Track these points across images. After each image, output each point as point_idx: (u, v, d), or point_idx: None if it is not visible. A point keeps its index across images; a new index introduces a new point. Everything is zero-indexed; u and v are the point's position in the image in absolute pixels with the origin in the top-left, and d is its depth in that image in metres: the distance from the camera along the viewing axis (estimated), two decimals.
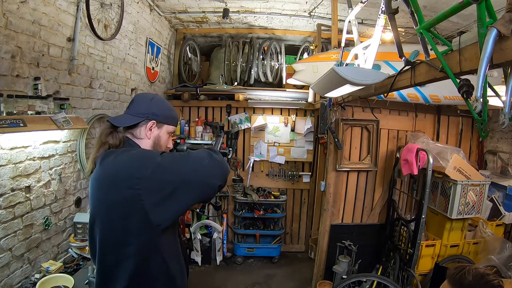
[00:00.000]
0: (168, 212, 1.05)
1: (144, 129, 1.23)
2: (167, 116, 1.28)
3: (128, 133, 1.24)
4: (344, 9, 3.05)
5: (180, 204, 1.06)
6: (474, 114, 1.37)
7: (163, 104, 1.31)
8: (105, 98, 2.78)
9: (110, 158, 1.10)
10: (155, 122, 1.24)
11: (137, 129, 1.23)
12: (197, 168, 1.06)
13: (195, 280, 3.63)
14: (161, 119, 1.25)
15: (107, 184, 1.09)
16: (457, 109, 3.35)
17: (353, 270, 3.08)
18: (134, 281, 1.08)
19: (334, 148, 3.14)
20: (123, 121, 1.23)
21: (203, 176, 1.05)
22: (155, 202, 1.02)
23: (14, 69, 1.75)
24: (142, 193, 1.01)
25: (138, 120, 1.22)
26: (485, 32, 1.07)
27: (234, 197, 4.21)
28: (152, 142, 1.26)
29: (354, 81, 1.82)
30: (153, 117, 1.23)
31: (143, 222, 1.03)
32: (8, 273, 1.78)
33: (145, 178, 1.02)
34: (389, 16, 1.81)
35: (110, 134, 1.20)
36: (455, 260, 2.94)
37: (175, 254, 1.20)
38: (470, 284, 1.12)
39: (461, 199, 2.75)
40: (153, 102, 1.26)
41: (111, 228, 1.08)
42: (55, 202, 2.16)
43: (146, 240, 1.07)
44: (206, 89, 4.20)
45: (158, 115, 1.24)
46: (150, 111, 1.23)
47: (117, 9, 2.79)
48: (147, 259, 1.09)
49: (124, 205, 1.03)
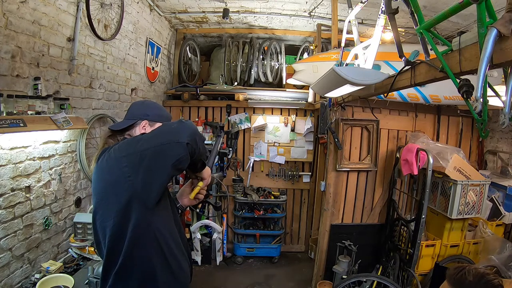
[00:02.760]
0: (153, 180, 1.11)
1: (139, 129, 1.37)
2: (158, 115, 1.42)
3: (126, 134, 1.38)
4: (344, 9, 3.05)
5: (161, 170, 1.10)
6: (474, 114, 1.37)
7: (154, 105, 1.49)
8: (105, 98, 2.78)
9: (105, 152, 1.19)
10: (148, 121, 1.37)
11: (132, 130, 1.38)
12: (168, 131, 1.16)
13: (195, 280, 3.61)
14: (152, 118, 1.38)
15: (103, 171, 1.18)
16: (457, 109, 3.35)
17: (353, 270, 3.08)
18: (128, 261, 1.13)
19: (334, 148, 3.14)
20: (120, 125, 1.39)
21: (173, 136, 1.11)
22: (139, 173, 1.09)
23: (14, 69, 1.75)
24: (129, 170, 1.09)
25: (132, 122, 1.37)
26: (485, 32, 1.07)
27: (234, 197, 4.21)
28: None
29: (354, 81, 1.82)
30: (145, 117, 1.37)
31: (134, 198, 1.10)
32: (8, 273, 1.78)
33: (129, 154, 1.12)
34: (389, 16, 1.81)
35: (110, 137, 1.35)
36: (455, 260, 2.94)
37: (172, 239, 1.23)
38: (470, 284, 1.12)
39: (461, 199, 2.75)
40: (145, 105, 1.47)
41: (106, 210, 1.14)
42: (55, 202, 2.16)
43: (139, 219, 1.12)
44: (206, 89, 4.20)
45: (149, 115, 1.39)
46: (142, 112, 1.39)
47: (117, 9, 2.79)
48: (139, 238, 1.14)
49: (117, 185, 1.12)
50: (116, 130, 1.37)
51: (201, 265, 3.80)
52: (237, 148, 4.22)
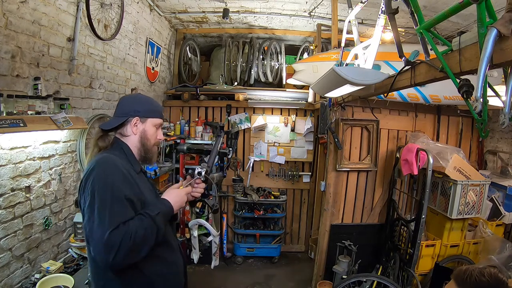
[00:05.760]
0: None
1: (130, 127, 1.34)
2: (149, 110, 1.37)
3: (117, 133, 1.36)
4: (344, 9, 3.05)
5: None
6: (474, 114, 1.37)
7: (144, 99, 1.41)
8: (105, 98, 2.78)
9: (91, 173, 1.17)
10: (138, 118, 1.34)
11: (124, 128, 1.35)
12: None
13: (195, 279, 3.63)
14: (143, 114, 1.35)
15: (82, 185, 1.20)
16: (457, 109, 3.34)
17: (353, 270, 3.08)
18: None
19: (334, 148, 3.14)
20: (110, 124, 1.35)
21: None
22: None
23: (14, 69, 1.75)
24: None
25: (122, 120, 1.33)
26: (485, 32, 1.07)
27: (234, 197, 4.21)
28: (139, 137, 1.35)
29: (354, 81, 1.82)
30: (136, 114, 1.33)
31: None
32: (8, 273, 1.78)
33: (89, 201, 1.12)
34: (389, 16, 1.81)
35: (100, 138, 1.34)
36: (455, 260, 2.95)
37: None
38: (482, 284, 1.11)
39: (461, 199, 2.75)
40: (135, 101, 1.39)
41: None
42: (55, 202, 2.16)
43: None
44: (206, 89, 4.20)
45: (139, 111, 1.34)
46: (132, 108, 1.34)
47: (117, 9, 2.79)
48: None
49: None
50: (107, 129, 1.35)
51: (200, 264, 3.79)
52: (237, 148, 4.22)
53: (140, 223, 1.12)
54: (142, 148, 1.36)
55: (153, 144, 1.39)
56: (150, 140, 1.37)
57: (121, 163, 1.22)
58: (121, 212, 1.10)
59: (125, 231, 1.06)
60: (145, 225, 1.12)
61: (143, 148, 1.36)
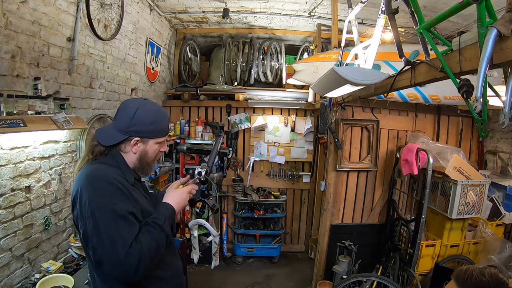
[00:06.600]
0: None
1: (129, 145, 1.23)
2: (151, 131, 1.23)
3: (116, 147, 1.24)
4: (344, 9, 3.05)
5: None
6: (474, 114, 1.37)
7: (148, 117, 1.22)
8: (105, 98, 2.78)
9: (82, 190, 1.11)
10: (140, 139, 1.22)
11: (121, 144, 1.23)
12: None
13: (195, 279, 3.63)
14: (144, 135, 1.22)
15: (74, 198, 1.14)
16: (457, 109, 3.34)
17: (353, 270, 3.08)
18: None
19: (334, 148, 3.14)
20: (108, 139, 1.21)
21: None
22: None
23: (14, 69, 1.75)
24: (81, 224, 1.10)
25: (121, 138, 1.20)
26: (485, 32, 1.07)
27: (234, 197, 4.21)
28: (138, 156, 1.25)
29: (354, 81, 1.82)
30: (136, 135, 1.21)
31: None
32: (8, 273, 1.78)
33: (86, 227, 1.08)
34: (389, 16, 1.81)
35: (96, 147, 1.21)
36: (455, 260, 2.95)
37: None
38: (483, 284, 1.11)
39: (461, 199, 2.75)
40: (136, 118, 1.19)
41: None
42: (55, 202, 2.16)
43: None
44: (206, 89, 4.20)
45: (140, 132, 1.21)
46: (132, 129, 1.20)
47: (117, 9, 2.79)
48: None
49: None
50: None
51: (200, 264, 3.79)
52: (237, 148, 4.22)
53: (151, 236, 1.10)
54: (139, 164, 1.27)
55: (153, 159, 1.30)
56: (150, 158, 1.28)
57: (113, 175, 1.14)
58: (129, 230, 1.07)
59: (140, 249, 1.05)
60: (155, 237, 1.11)
61: (139, 164, 1.27)
